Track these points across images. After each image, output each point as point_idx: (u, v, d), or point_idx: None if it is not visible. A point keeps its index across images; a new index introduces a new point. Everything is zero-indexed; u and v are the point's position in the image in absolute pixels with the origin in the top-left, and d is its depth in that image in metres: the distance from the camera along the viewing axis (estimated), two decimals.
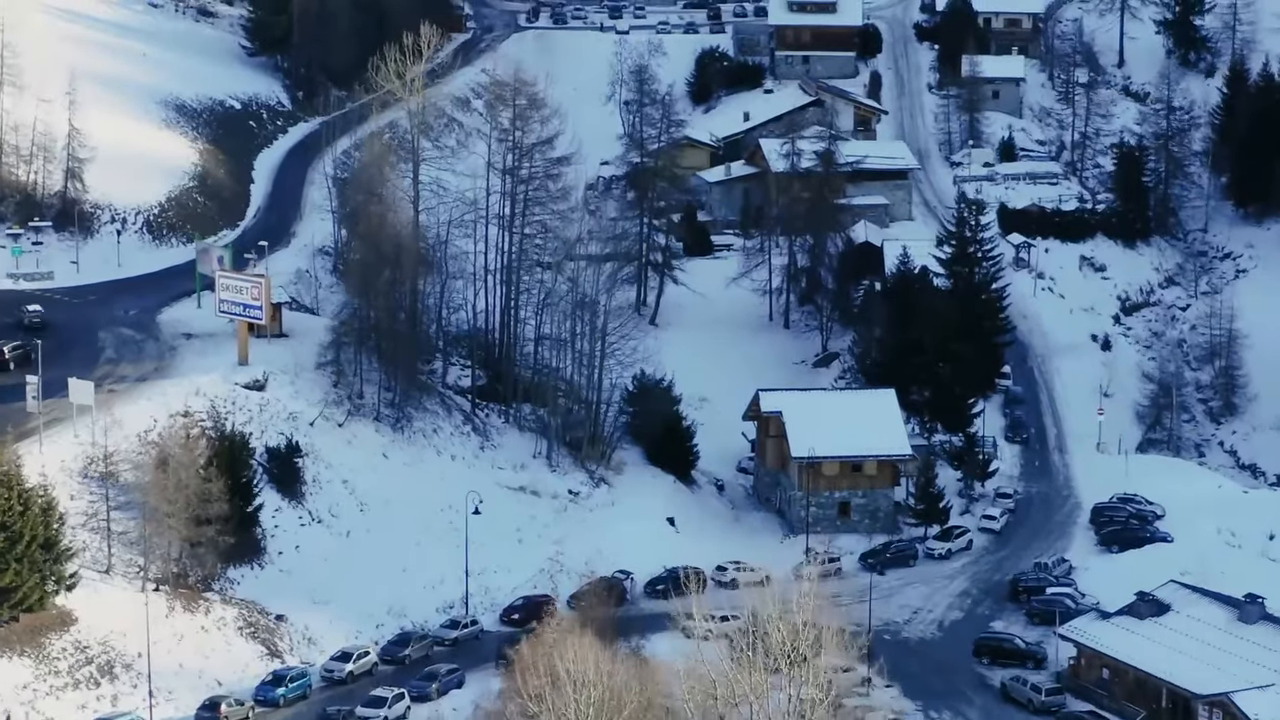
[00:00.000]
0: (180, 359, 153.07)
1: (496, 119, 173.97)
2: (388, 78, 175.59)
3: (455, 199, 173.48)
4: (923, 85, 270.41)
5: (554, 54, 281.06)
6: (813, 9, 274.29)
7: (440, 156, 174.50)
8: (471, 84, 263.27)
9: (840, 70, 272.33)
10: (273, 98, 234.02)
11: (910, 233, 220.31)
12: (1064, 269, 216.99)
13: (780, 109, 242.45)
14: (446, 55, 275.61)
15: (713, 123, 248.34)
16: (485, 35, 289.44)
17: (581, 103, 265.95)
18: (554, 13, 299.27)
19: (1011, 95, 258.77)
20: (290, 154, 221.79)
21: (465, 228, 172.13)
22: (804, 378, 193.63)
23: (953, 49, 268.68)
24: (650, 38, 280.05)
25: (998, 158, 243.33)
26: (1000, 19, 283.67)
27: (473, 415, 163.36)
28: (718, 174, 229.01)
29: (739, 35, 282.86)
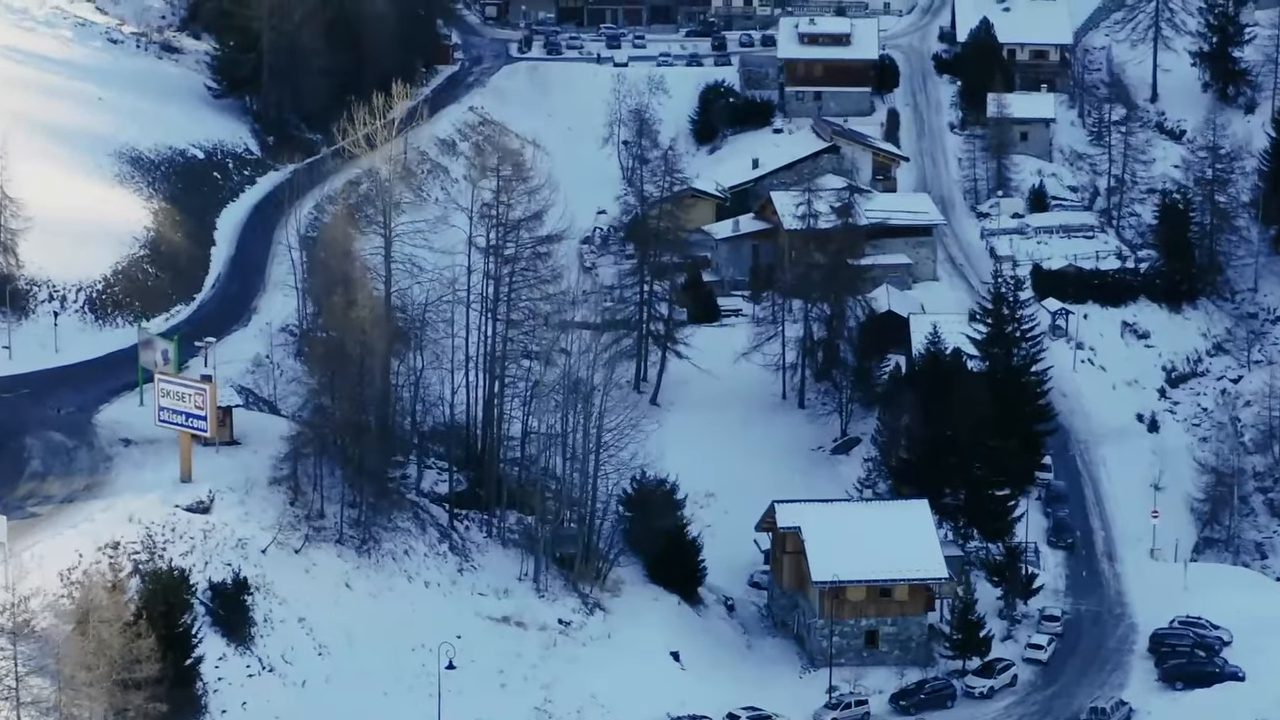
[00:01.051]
0: (116, 473, 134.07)
1: (478, 190, 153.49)
2: (357, 144, 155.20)
3: (432, 278, 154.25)
4: (944, 124, 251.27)
5: (547, 89, 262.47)
6: (825, 41, 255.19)
7: (415, 230, 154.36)
8: (458, 123, 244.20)
9: (855, 107, 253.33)
10: (240, 144, 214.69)
11: (936, 295, 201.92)
12: (1104, 337, 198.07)
13: (792, 155, 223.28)
14: (430, 92, 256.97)
15: (719, 169, 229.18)
16: (474, 68, 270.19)
17: (577, 143, 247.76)
18: (547, 42, 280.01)
19: (1041, 137, 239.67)
20: (257, 209, 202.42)
21: (443, 311, 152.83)
22: (821, 466, 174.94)
23: (975, 84, 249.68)
24: (650, 71, 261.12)
25: (1028, 208, 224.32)
26: (1025, 50, 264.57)
27: (450, 529, 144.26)
28: (725, 229, 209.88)
29: (745, 68, 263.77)
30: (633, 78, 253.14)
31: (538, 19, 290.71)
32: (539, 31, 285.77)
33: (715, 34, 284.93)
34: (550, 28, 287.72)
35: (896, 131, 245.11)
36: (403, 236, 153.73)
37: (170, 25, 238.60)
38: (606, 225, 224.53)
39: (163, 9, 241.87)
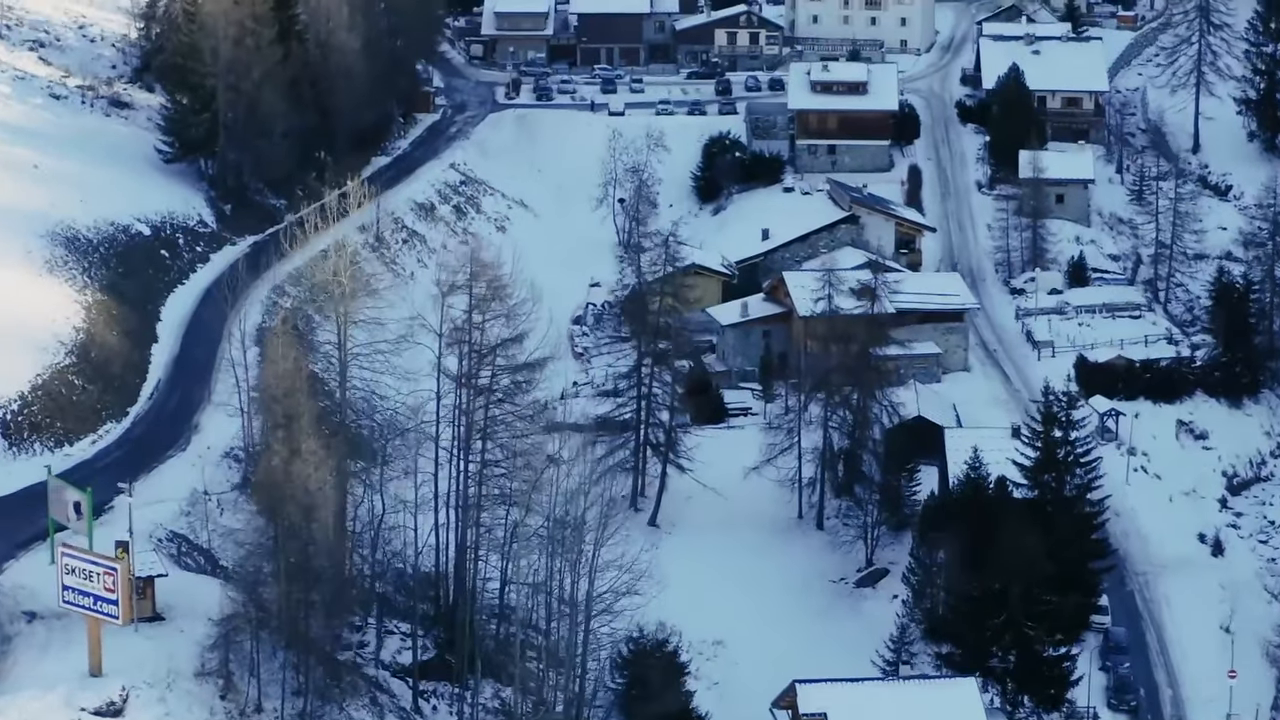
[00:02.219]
0: (13, 661, 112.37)
1: (447, 308, 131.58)
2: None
3: (394, 408, 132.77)
4: (970, 182, 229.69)
5: (536, 140, 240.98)
6: (839, 90, 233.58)
7: (375, 351, 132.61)
8: (438, 183, 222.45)
9: (872, 162, 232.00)
10: (192, 215, 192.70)
11: (968, 389, 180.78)
12: (1157, 439, 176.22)
13: (806, 224, 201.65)
14: (408, 145, 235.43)
15: (725, 237, 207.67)
16: (456, 116, 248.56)
17: (568, 202, 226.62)
18: (537, 86, 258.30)
19: (1079, 200, 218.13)
20: (208, 295, 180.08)
21: (409, 446, 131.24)
22: (843, 602, 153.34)
23: (1004, 136, 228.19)
24: (649, 122, 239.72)
25: (1066, 282, 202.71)
26: (1057, 98, 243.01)
27: (415, 712, 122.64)
28: (732, 313, 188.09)
29: (753, 116, 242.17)
30: (630, 131, 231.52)
31: (527, 59, 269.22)
32: (528, 73, 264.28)
33: (719, 77, 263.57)
34: (540, 68, 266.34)
35: (919, 191, 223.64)
36: (360, 358, 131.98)
37: (121, 76, 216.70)
38: (600, 302, 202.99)
39: (113, 58, 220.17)
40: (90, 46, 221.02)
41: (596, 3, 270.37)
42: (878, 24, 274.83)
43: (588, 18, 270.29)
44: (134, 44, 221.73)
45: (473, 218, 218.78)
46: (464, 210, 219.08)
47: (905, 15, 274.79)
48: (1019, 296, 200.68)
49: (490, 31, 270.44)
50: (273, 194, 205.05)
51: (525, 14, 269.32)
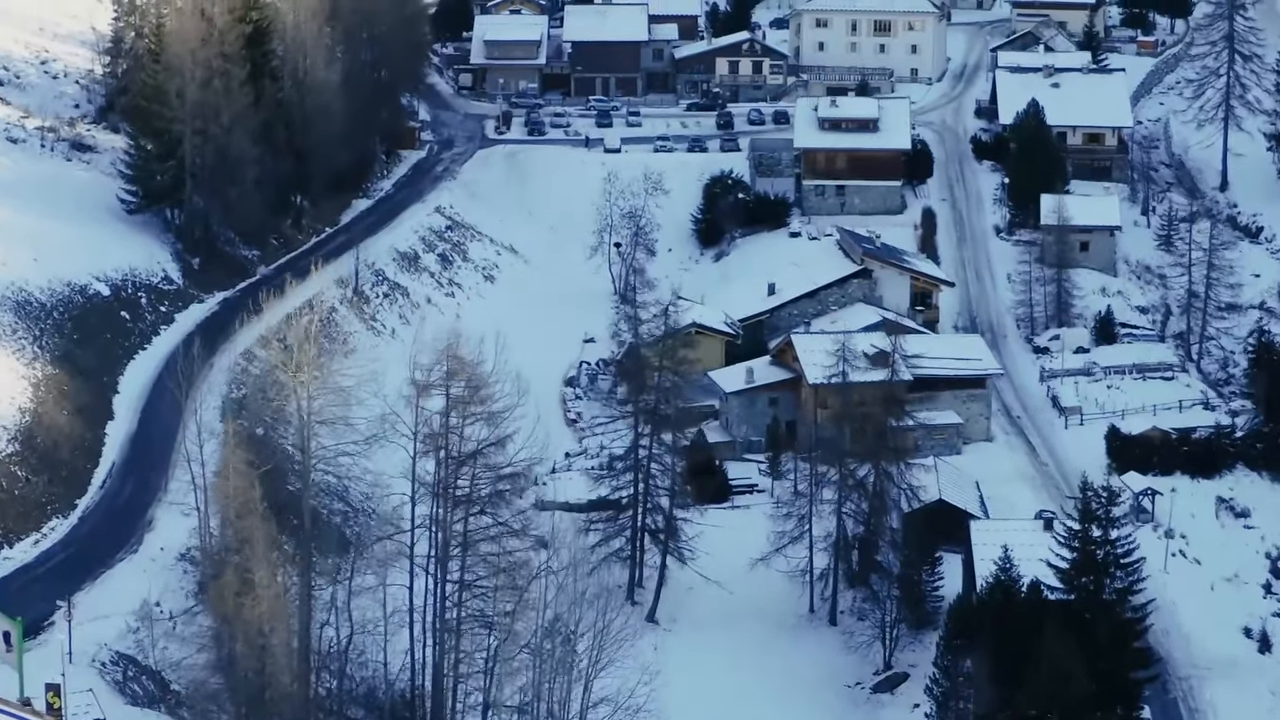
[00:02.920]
0: None
1: (421, 410, 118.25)
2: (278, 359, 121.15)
3: (365, 516, 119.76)
4: (988, 226, 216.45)
5: (527, 180, 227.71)
6: (849, 127, 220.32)
7: (341, 453, 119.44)
8: (422, 230, 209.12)
9: (884, 203, 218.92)
10: (156, 271, 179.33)
11: (991, 461, 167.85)
12: (1196, 518, 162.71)
13: (814, 276, 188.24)
14: (391, 187, 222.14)
15: (728, 292, 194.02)
16: (443, 153, 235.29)
17: (561, 247, 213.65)
18: (529, 120, 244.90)
19: (1104, 248, 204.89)
20: (172, 360, 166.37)
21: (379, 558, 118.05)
22: (859, 711, 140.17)
23: (1024, 177, 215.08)
24: (646, 160, 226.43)
25: (1093, 339, 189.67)
26: (1078, 133, 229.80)
27: None
28: (736, 378, 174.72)
29: (756, 153, 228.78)
30: (626, 171, 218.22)
31: (518, 89, 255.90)
32: (519, 105, 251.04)
33: (720, 109, 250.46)
34: (532, 100, 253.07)
35: (933, 236, 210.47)
36: (325, 460, 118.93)
37: (85, 116, 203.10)
38: (595, 360, 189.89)
39: (76, 95, 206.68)
40: (53, 84, 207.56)
41: (591, 30, 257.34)
42: (887, 52, 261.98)
43: (582, 46, 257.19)
44: (99, 81, 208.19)
45: (459, 266, 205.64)
46: (450, 259, 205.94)
47: (916, 43, 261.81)
48: (1043, 356, 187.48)
49: (480, 61, 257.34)
50: (245, 244, 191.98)
51: (516, 43, 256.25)
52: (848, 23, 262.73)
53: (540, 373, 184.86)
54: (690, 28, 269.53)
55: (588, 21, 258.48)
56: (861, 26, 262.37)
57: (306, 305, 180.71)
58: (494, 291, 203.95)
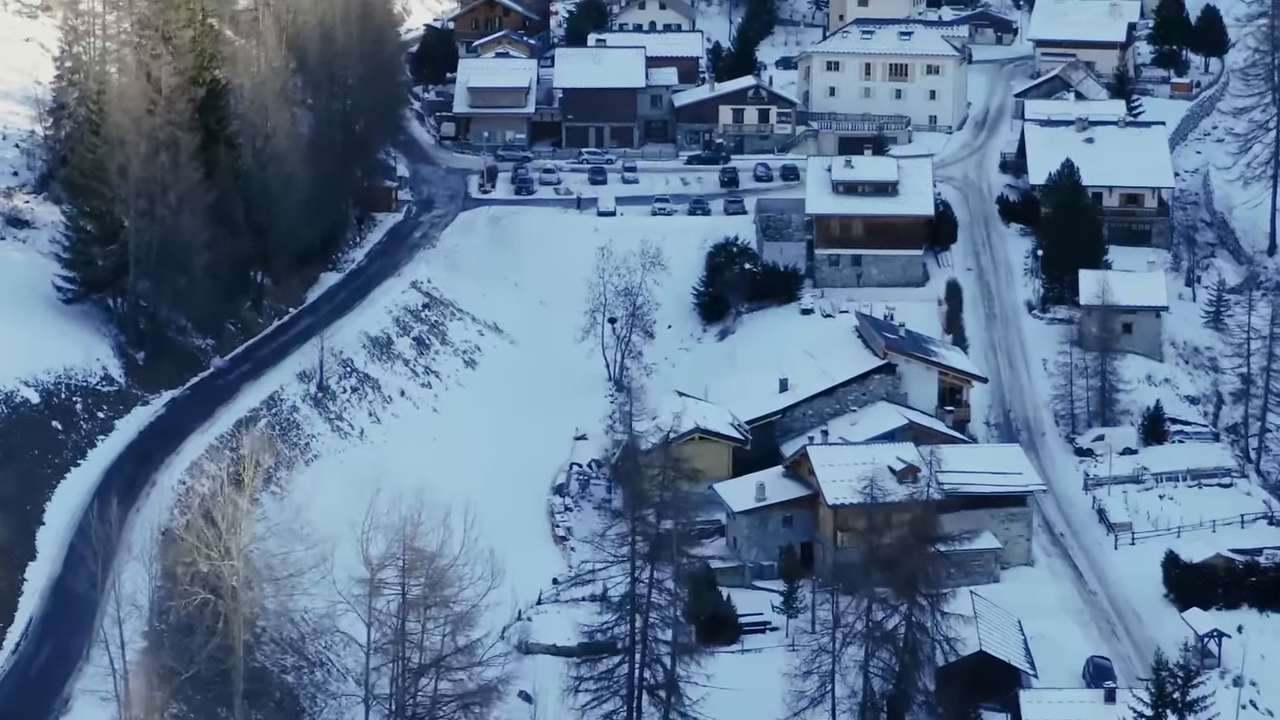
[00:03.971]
0: None
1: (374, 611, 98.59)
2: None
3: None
4: (1019, 301, 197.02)
5: (514, 247, 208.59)
6: (866, 191, 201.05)
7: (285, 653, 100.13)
8: (396, 309, 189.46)
9: (904, 274, 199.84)
10: (95, 371, 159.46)
11: (1033, 590, 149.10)
12: (1266, 660, 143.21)
13: (832, 373, 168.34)
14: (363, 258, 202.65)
15: (735, 386, 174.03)
16: (422, 215, 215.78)
17: (551, 324, 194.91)
18: (516, 176, 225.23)
19: (1150, 329, 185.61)
20: (108, 480, 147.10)
21: None
22: None
23: (1058, 246, 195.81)
24: (643, 226, 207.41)
25: (1141, 438, 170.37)
26: (1115, 194, 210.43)
27: None
28: (746, 495, 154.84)
29: (763, 214, 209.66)
30: (621, 242, 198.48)
31: (505, 139, 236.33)
32: (506, 158, 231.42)
33: (723, 160, 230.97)
34: (519, 151, 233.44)
35: (959, 313, 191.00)
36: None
37: (24, 185, 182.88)
38: (587, 461, 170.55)
39: (15, 161, 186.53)
40: None
41: (584, 76, 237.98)
42: (903, 98, 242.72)
43: (574, 93, 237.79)
44: (42, 144, 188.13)
45: (437, 351, 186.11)
46: (427, 342, 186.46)
47: (935, 88, 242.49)
48: (1086, 459, 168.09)
49: (463, 110, 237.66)
50: (197, 333, 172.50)
51: (503, 90, 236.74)
52: (861, 66, 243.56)
53: (526, 479, 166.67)
54: (691, 70, 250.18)
55: (580, 66, 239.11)
56: (876, 70, 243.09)
57: (263, 405, 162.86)
58: (475, 379, 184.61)
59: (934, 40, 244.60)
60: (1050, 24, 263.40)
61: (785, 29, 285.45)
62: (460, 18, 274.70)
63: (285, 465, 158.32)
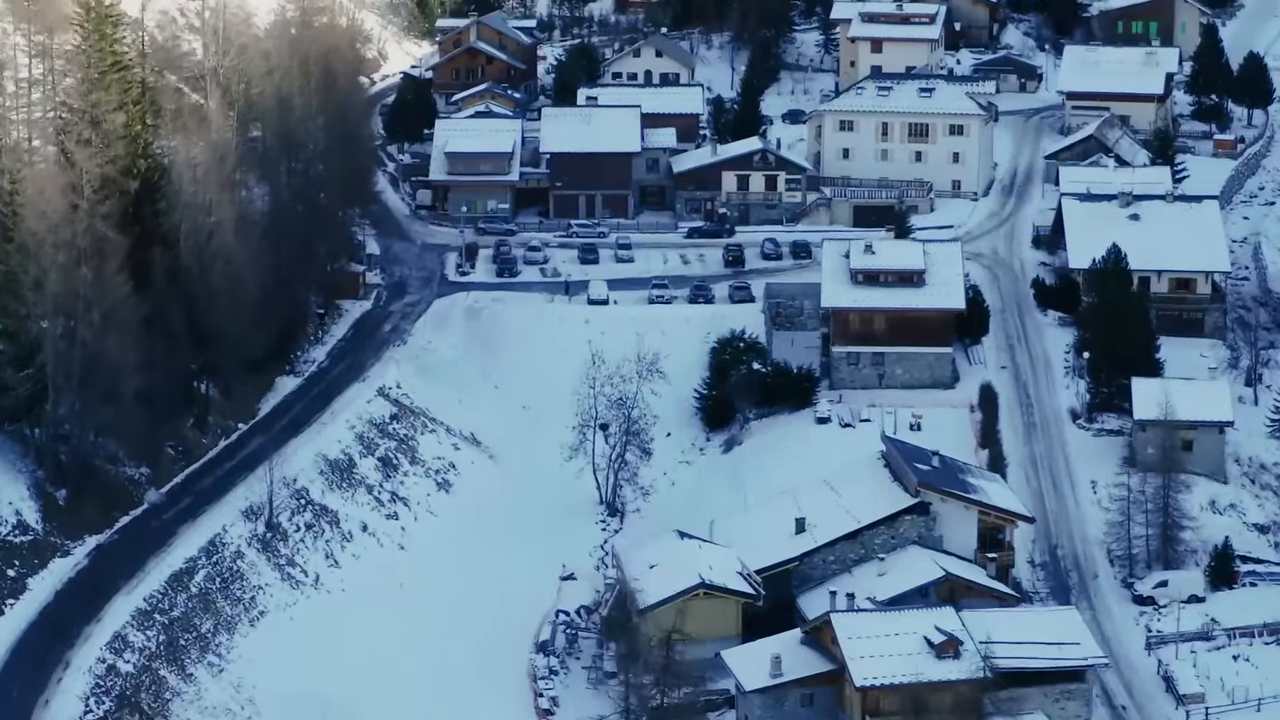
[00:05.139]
0: None
1: None
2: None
3: None
4: (1061, 407, 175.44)
5: (494, 344, 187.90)
6: (889, 281, 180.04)
7: None
8: (360, 422, 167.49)
9: (931, 375, 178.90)
10: (7, 517, 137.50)
11: None
12: None
13: (856, 512, 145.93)
14: (325, 358, 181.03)
15: (745, 526, 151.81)
16: (393, 304, 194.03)
17: (537, 434, 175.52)
18: (498, 254, 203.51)
19: (1212, 447, 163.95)
20: (14, 658, 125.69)
21: None
22: None
23: (1103, 342, 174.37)
24: (638, 318, 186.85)
25: (1208, 582, 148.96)
26: (1164, 279, 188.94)
27: None
28: (759, 668, 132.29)
29: (772, 300, 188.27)
30: (614, 343, 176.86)
31: (487, 209, 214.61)
32: (487, 230, 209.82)
33: (728, 235, 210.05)
34: (501, 223, 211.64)
35: (995, 423, 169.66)
36: None
37: None
38: (575, 609, 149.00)
39: None
40: None
41: (574, 139, 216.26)
42: (924, 160, 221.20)
43: (563, 158, 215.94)
44: None
45: (406, 473, 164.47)
46: (394, 462, 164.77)
47: (958, 150, 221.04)
48: (1147, 609, 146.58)
49: (441, 176, 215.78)
50: (130, 461, 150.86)
51: (484, 155, 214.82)
52: (877, 126, 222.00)
53: (505, 632, 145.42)
54: (691, 129, 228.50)
55: (569, 128, 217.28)
56: (894, 131, 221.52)
57: (202, 554, 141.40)
58: (449, 505, 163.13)
59: (957, 97, 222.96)
60: (1081, 75, 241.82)
61: (792, 75, 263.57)
62: (440, 67, 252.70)
63: (225, 628, 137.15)
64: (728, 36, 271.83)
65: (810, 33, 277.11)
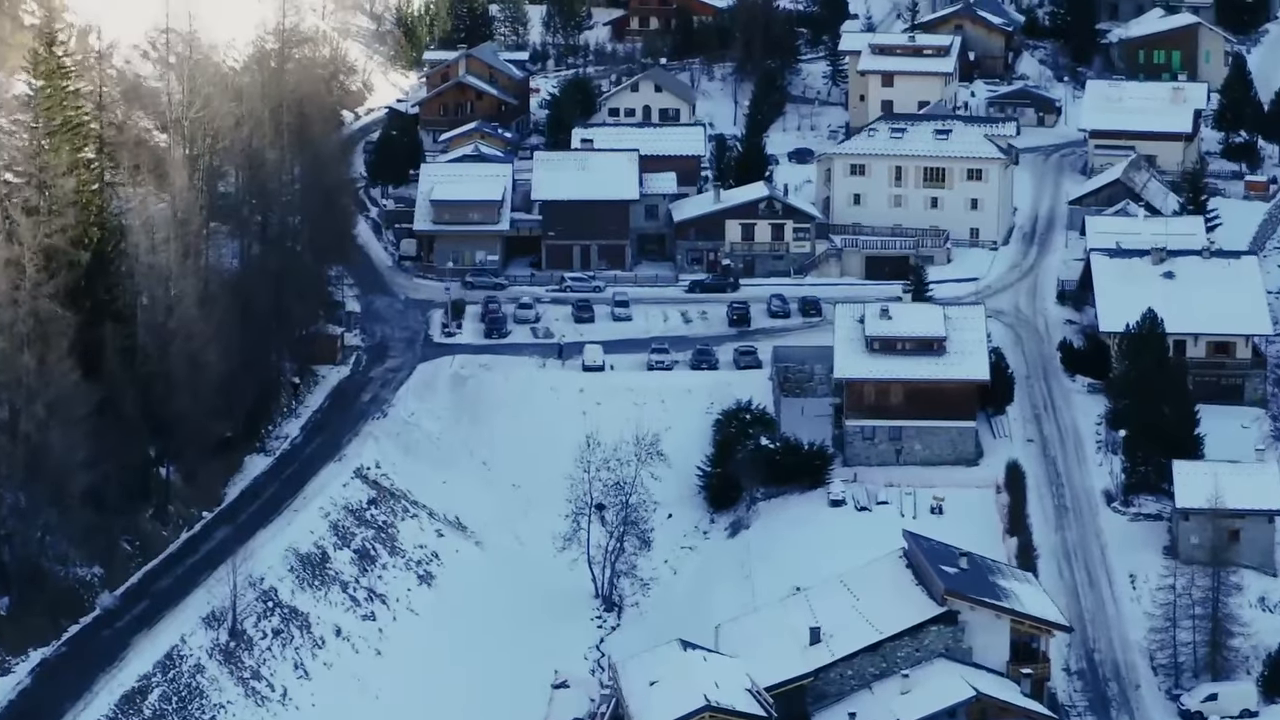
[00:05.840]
0: None
1: None
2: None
3: None
4: (1094, 487, 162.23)
5: (482, 415, 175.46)
6: (907, 349, 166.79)
7: None
8: (335, 509, 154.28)
9: (953, 450, 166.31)
10: None
11: None
12: None
13: (880, 623, 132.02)
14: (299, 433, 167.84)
15: (754, 634, 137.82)
16: (373, 369, 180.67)
17: (527, 517, 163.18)
18: (486, 311, 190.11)
19: (1261, 537, 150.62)
20: None
21: None
22: None
23: (1139, 418, 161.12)
24: (636, 386, 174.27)
25: (1262, 694, 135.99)
26: (1200, 343, 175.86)
27: None
28: None
29: (781, 365, 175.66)
30: (610, 411, 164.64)
31: (475, 261, 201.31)
32: (475, 284, 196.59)
33: (732, 289, 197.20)
34: (490, 276, 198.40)
35: (1023, 506, 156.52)
36: None
37: None
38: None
39: None
40: None
41: (567, 186, 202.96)
42: (940, 206, 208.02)
43: (556, 207, 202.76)
44: None
45: (384, 566, 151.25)
46: (372, 554, 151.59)
47: (977, 195, 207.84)
48: None
49: (426, 226, 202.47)
50: (82, 561, 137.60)
51: (473, 203, 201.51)
52: (890, 170, 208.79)
53: None
54: (691, 171, 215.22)
55: (563, 175, 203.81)
56: (908, 175, 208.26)
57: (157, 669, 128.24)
58: (431, 601, 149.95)
59: (976, 140, 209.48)
60: (1104, 112, 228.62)
61: (798, 109, 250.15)
62: (427, 102, 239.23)
63: None
64: (730, 67, 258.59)
65: (817, 63, 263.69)
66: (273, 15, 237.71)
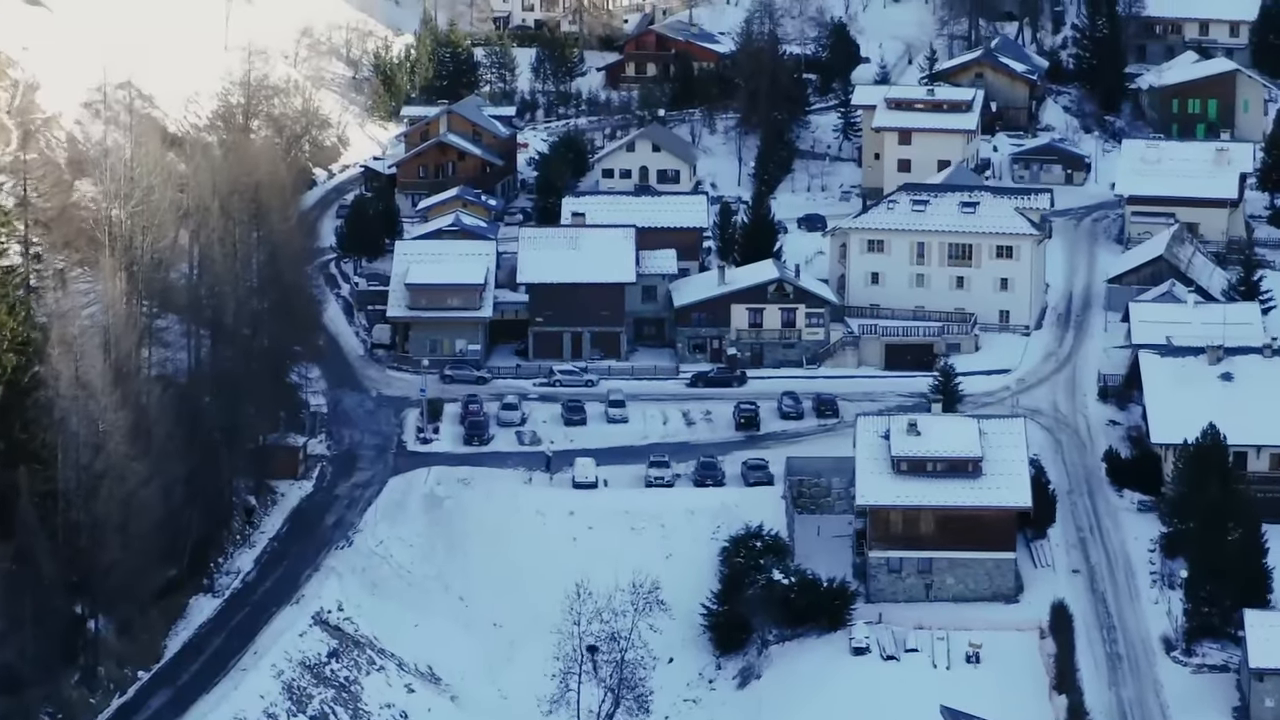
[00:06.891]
0: None
1: None
2: None
3: None
4: (1151, 633, 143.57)
5: (459, 542, 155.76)
6: (937, 470, 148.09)
7: None
8: (291, 665, 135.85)
9: (990, 586, 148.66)
10: None
11: None
12: None
13: None
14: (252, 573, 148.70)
15: None
16: (338, 485, 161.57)
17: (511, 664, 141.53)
18: (466, 413, 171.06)
19: None
20: None
21: None
22: None
23: (1202, 549, 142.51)
24: (632, 508, 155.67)
25: None
26: (1263, 455, 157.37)
27: None
28: None
29: (794, 478, 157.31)
30: (603, 558, 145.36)
31: (455, 350, 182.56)
32: (455, 378, 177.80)
33: (738, 383, 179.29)
34: (471, 369, 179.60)
35: (1071, 654, 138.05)
36: None
37: None
38: None
39: None
40: None
41: (557, 268, 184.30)
42: (967, 287, 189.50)
43: (543, 290, 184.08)
44: None
45: None
46: (333, 716, 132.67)
47: (1007, 275, 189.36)
48: None
49: (401, 312, 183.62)
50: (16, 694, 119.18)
51: (452, 287, 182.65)
52: (912, 248, 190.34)
53: None
54: (693, 245, 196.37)
55: (552, 255, 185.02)
56: (931, 253, 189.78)
57: None
58: None
59: (1006, 213, 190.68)
60: (1142, 176, 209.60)
61: (807, 166, 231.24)
62: (405, 163, 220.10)
63: None
64: (733, 119, 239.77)
65: (826, 114, 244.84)
66: (239, 66, 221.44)
